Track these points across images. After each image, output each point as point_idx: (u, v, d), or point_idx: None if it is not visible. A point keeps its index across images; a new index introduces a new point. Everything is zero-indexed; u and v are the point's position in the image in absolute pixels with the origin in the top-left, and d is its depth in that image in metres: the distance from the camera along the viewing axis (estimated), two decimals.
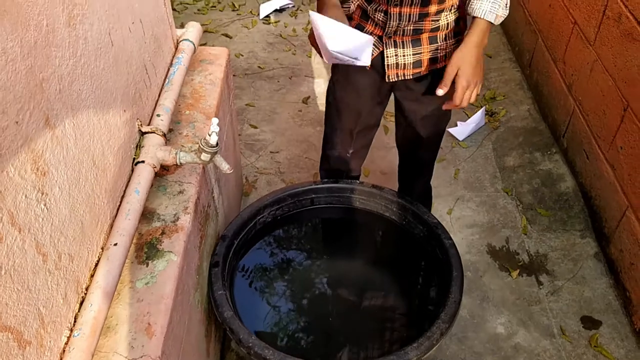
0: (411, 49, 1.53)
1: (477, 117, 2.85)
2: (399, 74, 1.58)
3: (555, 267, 2.17)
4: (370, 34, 1.52)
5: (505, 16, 1.43)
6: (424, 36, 1.52)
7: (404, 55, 1.53)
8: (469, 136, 2.82)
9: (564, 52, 2.56)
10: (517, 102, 2.98)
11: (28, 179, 0.86)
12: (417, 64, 1.56)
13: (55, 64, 0.95)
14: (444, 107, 1.56)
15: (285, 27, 3.77)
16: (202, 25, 2.01)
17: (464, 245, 2.27)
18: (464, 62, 1.45)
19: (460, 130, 2.82)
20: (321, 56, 1.46)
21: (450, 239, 1.70)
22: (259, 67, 3.37)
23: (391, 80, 1.60)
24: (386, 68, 1.57)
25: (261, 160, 2.70)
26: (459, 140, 2.80)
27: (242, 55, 3.47)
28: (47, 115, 0.92)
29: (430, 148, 1.87)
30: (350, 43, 1.35)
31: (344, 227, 1.97)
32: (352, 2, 1.55)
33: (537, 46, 2.91)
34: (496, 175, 2.60)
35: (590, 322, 1.98)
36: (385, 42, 1.53)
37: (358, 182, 1.91)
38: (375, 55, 1.56)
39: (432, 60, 1.56)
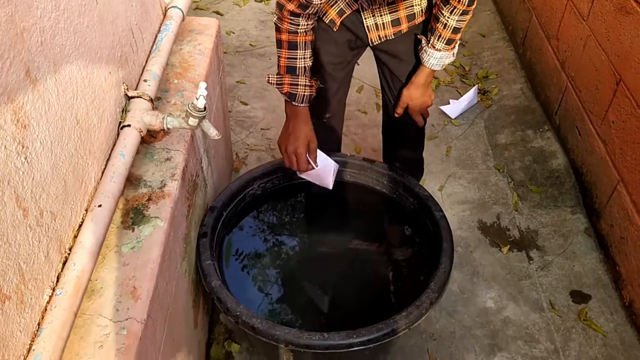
0: (387, 7, 1.53)
1: (470, 96, 2.83)
2: (381, 36, 1.57)
3: (545, 242, 2.17)
4: None
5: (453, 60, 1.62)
6: None
7: (380, 15, 1.53)
8: (461, 114, 2.80)
9: (557, 29, 2.54)
10: (509, 81, 2.97)
11: (8, 130, 0.84)
12: (395, 22, 1.56)
13: (37, 15, 0.92)
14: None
15: None
16: (193, 2, 1.98)
17: (455, 221, 2.26)
18: (411, 99, 1.71)
19: (453, 108, 2.81)
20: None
21: (441, 211, 1.69)
22: (251, 44, 3.33)
23: (374, 44, 1.59)
24: (367, 31, 1.56)
25: (252, 136, 2.68)
26: (451, 119, 2.78)
27: (234, 33, 3.43)
28: (27, 67, 0.89)
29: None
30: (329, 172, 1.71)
31: (335, 201, 1.95)
32: None
33: (530, 24, 2.89)
34: (488, 152, 2.60)
35: (579, 297, 1.98)
36: (361, 4, 1.51)
37: (349, 155, 1.89)
38: (348, 14, 1.55)
39: (410, 17, 1.57)
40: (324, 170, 1.67)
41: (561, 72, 2.49)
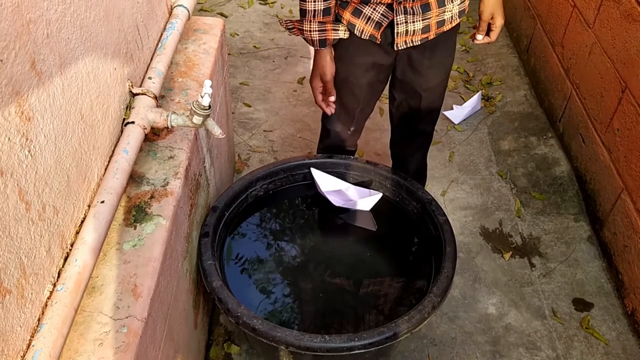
0: (421, 14, 1.51)
1: (473, 101, 2.83)
2: (407, 41, 1.56)
3: (548, 249, 2.16)
4: (380, 3, 1.51)
5: None
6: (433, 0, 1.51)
7: (413, 22, 1.52)
8: (464, 120, 2.80)
9: (562, 36, 2.54)
10: (513, 88, 2.96)
11: (12, 122, 0.83)
12: (425, 29, 1.55)
13: (43, 7, 0.91)
14: (477, 41, 1.63)
15: (282, 8, 3.72)
16: (198, 3, 1.97)
17: (457, 226, 2.25)
18: (496, 6, 1.57)
19: (456, 113, 2.80)
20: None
21: (444, 215, 1.68)
22: (255, 46, 3.33)
23: (400, 49, 1.58)
24: (396, 36, 1.55)
25: (254, 138, 2.67)
26: (455, 124, 2.77)
27: (238, 35, 3.43)
28: (33, 59, 0.88)
29: (431, 119, 1.85)
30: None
31: None
32: None
33: (535, 31, 2.89)
34: (491, 158, 2.59)
35: (582, 304, 1.97)
36: (396, 9, 1.50)
37: (352, 157, 1.88)
38: (385, 25, 1.54)
39: (439, 24, 1.56)
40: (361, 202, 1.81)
41: (565, 79, 2.49)
